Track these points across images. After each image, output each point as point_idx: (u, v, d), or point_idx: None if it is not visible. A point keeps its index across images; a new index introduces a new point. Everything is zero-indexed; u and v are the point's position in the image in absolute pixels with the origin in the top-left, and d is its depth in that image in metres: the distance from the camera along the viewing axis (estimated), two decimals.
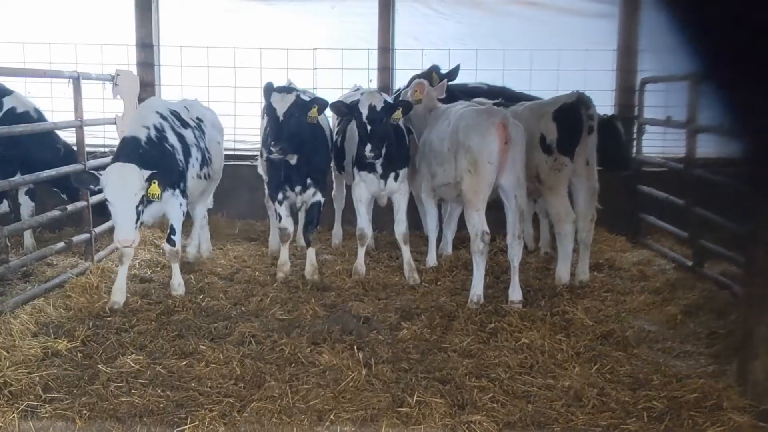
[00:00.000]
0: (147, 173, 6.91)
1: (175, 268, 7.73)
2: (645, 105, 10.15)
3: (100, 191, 7.13)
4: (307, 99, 7.96)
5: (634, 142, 10.28)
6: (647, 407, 5.25)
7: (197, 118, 8.39)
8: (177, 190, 7.63)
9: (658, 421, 5.09)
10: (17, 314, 6.80)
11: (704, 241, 8.37)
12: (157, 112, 7.80)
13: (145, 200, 6.97)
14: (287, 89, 7.94)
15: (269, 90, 7.88)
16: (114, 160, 7.25)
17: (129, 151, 7.26)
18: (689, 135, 8.68)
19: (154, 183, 6.92)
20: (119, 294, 7.29)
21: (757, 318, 5.27)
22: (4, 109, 8.85)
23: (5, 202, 8.90)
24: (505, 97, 8.94)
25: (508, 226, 7.43)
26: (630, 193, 10.01)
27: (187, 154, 7.91)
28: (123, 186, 6.82)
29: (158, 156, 7.43)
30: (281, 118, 7.67)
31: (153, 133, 7.56)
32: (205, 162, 8.21)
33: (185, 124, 8.02)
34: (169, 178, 7.33)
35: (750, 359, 5.35)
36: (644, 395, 5.40)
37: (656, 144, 10.46)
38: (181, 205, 7.70)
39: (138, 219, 6.92)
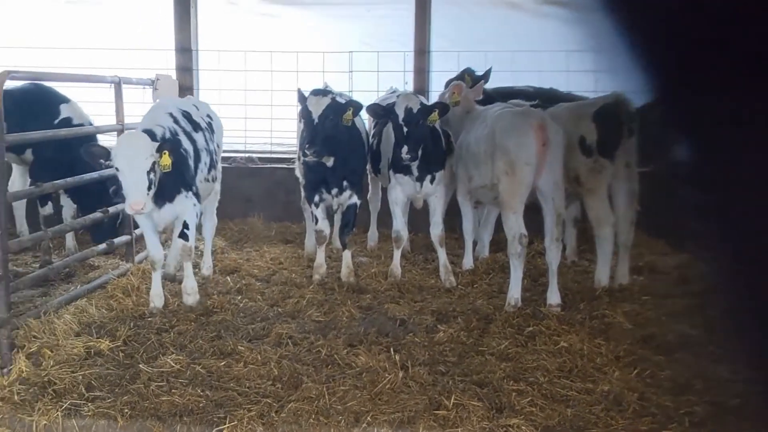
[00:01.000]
0: (157, 144, 6.84)
1: (188, 268, 7.47)
2: None
3: (109, 167, 6.95)
4: (343, 102, 7.98)
5: None
6: (689, 412, 5.18)
7: (207, 116, 8.33)
8: (190, 192, 7.44)
9: (699, 427, 5.03)
10: (60, 314, 6.89)
11: None
12: (170, 114, 7.70)
13: (157, 170, 6.81)
14: (323, 92, 7.96)
15: (303, 96, 7.91)
16: None
17: None
18: None
19: (165, 153, 6.81)
20: (158, 299, 7.28)
21: None
22: (61, 116, 8.93)
23: (50, 204, 9.01)
24: (552, 98, 8.85)
25: (545, 229, 7.38)
26: (670, 196, 9.85)
27: (197, 158, 7.73)
28: (133, 152, 6.70)
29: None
30: (316, 120, 7.69)
31: (167, 135, 7.37)
32: (212, 165, 8.13)
33: (197, 126, 7.87)
34: (181, 181, 7.25)
35: None
36: (685, 400, 5.33)
37: None
38: (195, 205, 7.49)
39: (150, 187, 6.74)
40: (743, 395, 5.10)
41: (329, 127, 7.72)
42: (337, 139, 7.86)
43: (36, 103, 8.78)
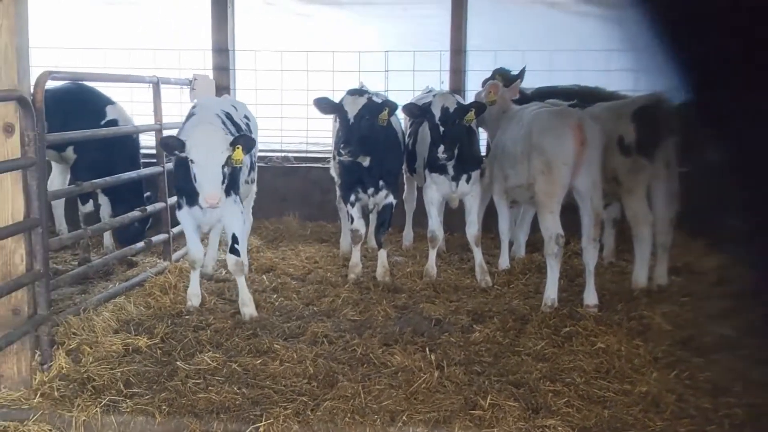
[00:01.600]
0: (231, 137, 6.81)
1: (242, 282, 7.23)
2: None
3: (183, 158, 6.81)
4: (379, 102, 7.98)
5: None
6: (728, 414, 5.12)
7: (245, 116, 8.31)
8: (237, 197, 7.33)
9: (739, 429, 4.98)
10: (99, 311, 6.97)
11: None
12: (217, 114, 7.64)
13: (230, 164, 6.75)
14: (359, 92, 7.97)
15: (320, 101, 7.99)
16: None
17: None
18: None
19: (239, 148, 6.73)
20: (195, 298, 7.31)
21: None
22: (107, 118, 9.02)
23: (90, 202, 9.11)
24: (596, 97, 8.78)
25: (583, 229, 7.33)
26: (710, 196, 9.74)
27: None
28: (208, 144, 6.64)
29: None
30: (352, 120, 7.71)
31: None
32: (252, 167, 8.15)
33: (238, 128, 7.78)
34: (231, 183, 7.06)
35: None
36: (725, 402, 5.28)
37: None
38: (242, 212, 7.42)
39: (223, 180, 6.68)
40: None
41: (365, 127, 7.74)
42: (372, 138, 7.87)
43: (82, 104, 8.87)
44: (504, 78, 9.18)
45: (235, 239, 7.23)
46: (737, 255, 8.99)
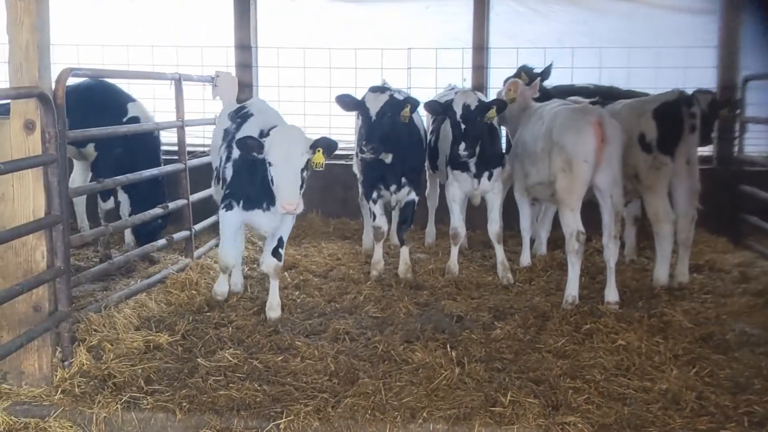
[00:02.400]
0: (311, 140, 6.49)
1: (275, 286, 7.11)
2: (748, 103, 9.83)
3: (261, 160, 6.48)
4: (400, 98, 7.99)
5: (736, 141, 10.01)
6: (748, 412, 5.12)
7: None
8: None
9: (759, 427, 4.96)
10: (120, 308, 7.01)
11: None
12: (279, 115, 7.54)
13: (309, 167, 6.45)
14: (381, 89, 8.01)
15: (342, 98, 8.01)
16: None
17: None
18: None
19: (319, 151, 6.44)
20: (222, 289, 7.34)
21: None
22: (129, 115, 9.02)
23: (111, 199, 9.17)
24: (613, 96, 8.76)
25: (604, 227, 7.33)
26: (732, 194, 9.72)
27: None
28: (289, 147, 6.34)
29: None
30: (374, 117, 7.74)
31: None
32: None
33: None
34: None
35: None
36: (745, 400, 5.27)
37: (760, 143, 10.11)
38: (293, 218, 7.12)
39: (302, 185, 6.39)
40: None
41: (387, 124, 7.76)
42: (395, 136, 7.89)
43: (103, 101, 8.88)
44: (528, 76, 9.17)
45: (280, 243, 7.09)
46: (760, 253, 8.99)
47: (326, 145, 6.49)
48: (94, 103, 8.69)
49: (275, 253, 7.06)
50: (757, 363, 5.96)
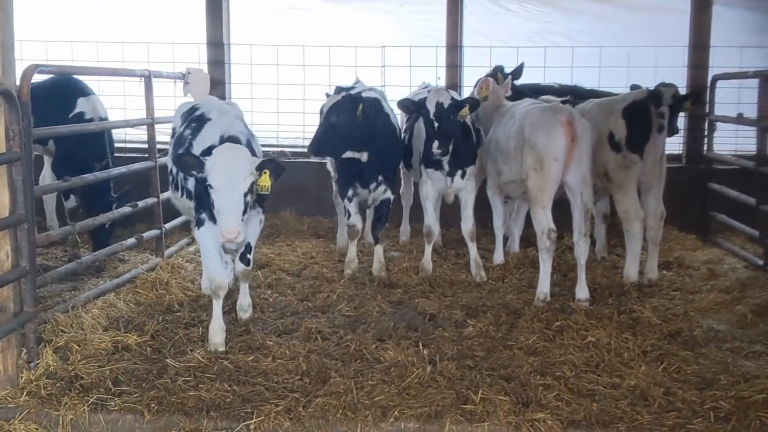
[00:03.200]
0: (258, 160, 6.15)
1: (245, 289, 6.99)
2: (716, 102, 9.94)
3: (202, 179, 6.13)
4: (353, 98, 7.99)
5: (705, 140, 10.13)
6: (714, 407, 5.18)
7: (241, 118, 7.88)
8: (261, 208, 6.77)
9: (724, 422, 5.03)
10: (88, 309, 6.97)
11: None
12: (241, 120, 7.26)
13: (254, 191, 6.11)
14: (338, 90, 8.21)
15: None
16: None
17: None
18: (760, 132, 8.49)
19: (266, 173, 6.06)
20: (220, 334, 6.38)
21: None
22: (75, 111, 8.93)
23: (72, 197, 9.04)
24: (576, 95, 8.84)
25: (574, 224, 7.40)
26: (701, 191, 9.83)
27: None
28: (232, 169, 5.94)
29: None
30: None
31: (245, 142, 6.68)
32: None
33: (251, 133, 7.22)
34: (260, 197, 6.54)
35: None
36: (711, 395, 5.34)
37: (728, 142, 10.22)
38: (261, 222, 6.88)
39: (245, 210, 6.01)
40: None
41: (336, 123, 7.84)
42: (365, 135, 7.93)
43: (52, 96, 8.65)
44: (504, 76, 9.21)
45: (248, 248, 6.77)
46: (728, 250, 9.11)
47: (274, 168, 6.12)
48: (43, 98, 8.52)
49: (243, 258, 6.80)
50: (723, 359, 6.04)
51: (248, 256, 6.81)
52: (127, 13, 11.57)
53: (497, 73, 9.22)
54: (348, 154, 7.99)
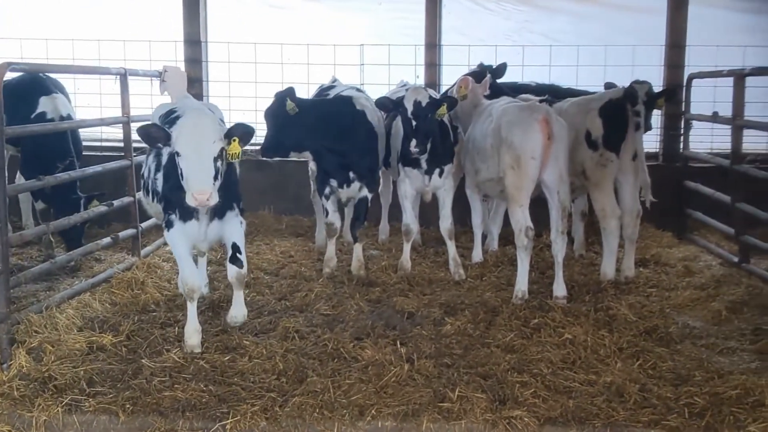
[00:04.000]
0: (225, 128, 6.01)
1: (240, 296, 6.66)
2: (692, 101, 10.01)
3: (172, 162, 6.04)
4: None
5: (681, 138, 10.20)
6: (689, 403, 5.22)
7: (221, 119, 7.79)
8: (237, 209, 6.59)
9: (699, 417, 5.07)
10: (63, 309, 6.92)
11: (750, 236, 8.35)
12: (221, 122, 6.99)
13: (225, 157, 5.93)
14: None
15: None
16: None
17: None
18: (735, 131, 8.56)
19: (235, 141, 5.93)
20: (195, 336, 6.26)
21: None
22: (37, 110, 8.86)
23: (40, 200, 8.96)
24: (553, 94, 8.88)
25: (551, 222, 7.44)
26: (677, 189, 9.90)
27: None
28: (198, 134, 5.79)
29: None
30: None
31: None
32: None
33: None
34: (234, 193, 6.50)
35: None
36: (686, 391, 5.38)
37: (704, 140, 10.30)
38: (242, 223, 6.60)
39: (216, 175, 5.81)
40: (742, 386, 5.16)
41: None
42: (345, 132, 7.96)
43: (16, 94, 8.47)
44: (491, 73, 9.23)
45: (236, 248, 6.46)
46: (704, 247, 9.20)
47: (242, 133, 6.01)
48: (8, 96, 8.46)
49: (234, 260, 6.47)
50: (698, 355, 6.09)
51: (239, 256, 6.47)
52: (103, 11, 11.47)
53: (485, 72, 9.20)
54: (298, 153, 8.20)
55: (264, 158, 8.20)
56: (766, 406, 5.10)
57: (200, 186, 5.70)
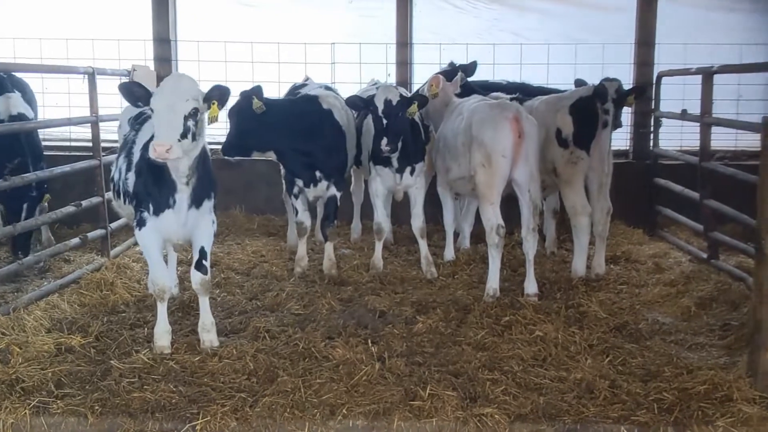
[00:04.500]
0: (204, 91, 5.88)
1: (205, 304, 6.37)
2: (662, 99, 10.09)
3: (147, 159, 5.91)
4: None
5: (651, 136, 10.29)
6: (658, 399, 5.25)
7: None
8: (214, 199, 6.41)
9: (668, 413, 5.10)
10: (31, 310, 6.85)
11: (719, 233, 8.43)
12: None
13: (199, 119, 5.79)
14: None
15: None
16: None
17: None
18: (703, 128, 8.64)
19: (215, 104, 5.85)
20: (165, 337, 6.22)
21: (767, 309, 5.24)
22: None
23: None
24: (524, 92, 8.92)
25: (522, 220, 7.46)
26: (647, 187, 9.98)
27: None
28: (173, 90, 5.75)
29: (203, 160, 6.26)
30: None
31: None
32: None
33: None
34: (211, 183, 6.36)
35: (760, 351, 5.34)
36: (655, 387, 5.41)
37: (674, 137, 10.38)
38: (214, 222, 6.44)
39: (184, 133, 5.66)
40: (710, 381, 5.21)
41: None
42: (311, 132, 7.97)
43: None
44: (463, 71, 9.25)
45: (203, 254, 6.29)
46: (674, 244, 9.28)
47: (219, 95, 5.93)
48: None
49: (199, 266, 6.28)
50: (667, 351, 6.14)
51: (204, 262, 6.29)
52: (71, 9, 11.34)
53: (457, 71, 9.21)
54: (261, 153, 8.14)
55: (225, 157, 8.07)
56: (733, 401, 5.14)
57: (163, 137, 5.60)
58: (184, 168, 5.92)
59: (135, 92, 5.93)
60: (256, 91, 7.90)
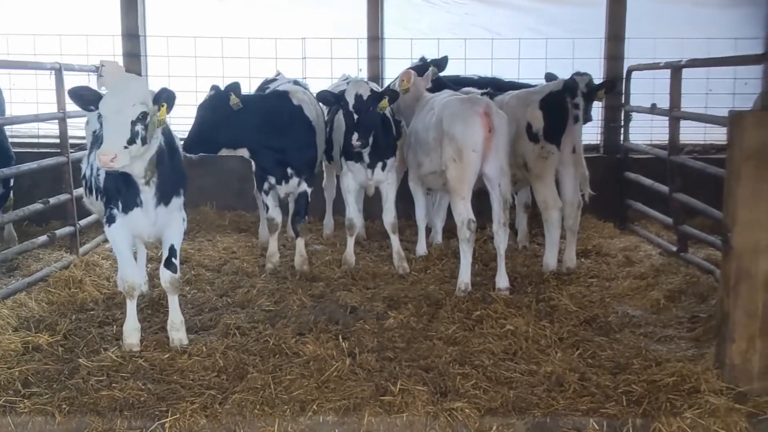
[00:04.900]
0: (153, 92, 5.80)
1: (175, 302, 6.31)
2: (632, 93, 10.16)
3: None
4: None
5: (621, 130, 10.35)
6: (626, 391, 5.28)
7: None
8: (183, 197, 6.39)
9: (636, 405, 5.12)
10: None
11: (688, 226, 8.50)
12: None
13: (148, 122, 5.65)
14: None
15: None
16: None
17: None
18: (672, 122, 8.70)
19: (164, 106, 5.75)
20: (135, 335, 6.18)
21: (733, 302, 5.29)
22: None
23: None
24: (495, 87, 8.94)
25: (493, 215, 7.47)
26: (618, 180, 10.04)
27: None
28: (120, 95, 5.63)
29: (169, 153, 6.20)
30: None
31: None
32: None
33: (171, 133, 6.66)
34: (182, 179, 6.35)
35: (726, 342, 5.39)
36: (624, 379, 5.44)
37: (645, 131, 10.45)
38: (184, 220, 6.41)
39: (132, 140, 5.55)
40: (679, 373, 5.25)
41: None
42: (281, 128, 7.94)
43: None
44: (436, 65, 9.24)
45: (173, 252, 6.24)
46: (644, 237, 9.36)
47: (167, 98, 5.80)
48: None
49: (168, 264, 6.23)
50: (636, 343, 6.18)
51: (173, 260, 6.24)
52: (38, 4, 11.20)
53: (431, 67, 9.19)
54: (232, 150, 8.08)
55: (187, 155, 7.79)
56: (701, 393, 5.17)
57: (107, 146, 5.50)
58: (139, 170, 5.86)
59: (85, 96, 5.87)
60: (234, 87, 7.83)
